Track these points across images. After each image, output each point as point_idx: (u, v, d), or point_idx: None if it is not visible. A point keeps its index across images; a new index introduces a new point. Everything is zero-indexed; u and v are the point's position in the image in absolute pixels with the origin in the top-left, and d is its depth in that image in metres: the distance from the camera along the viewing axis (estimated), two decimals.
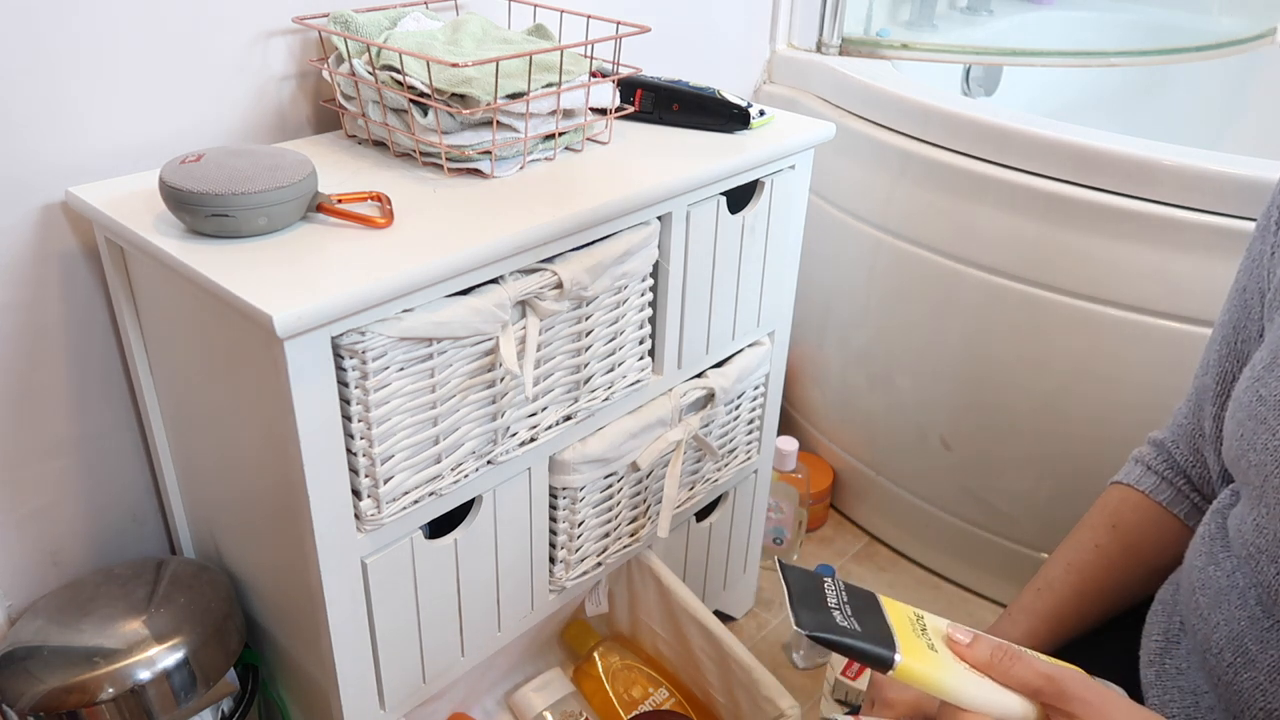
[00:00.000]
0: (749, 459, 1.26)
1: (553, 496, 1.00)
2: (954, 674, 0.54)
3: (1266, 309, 0.64)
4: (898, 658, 0.52)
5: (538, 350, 0.88)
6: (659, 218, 0.94)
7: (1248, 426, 0.59)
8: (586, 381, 0.95)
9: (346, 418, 0.76)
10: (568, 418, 0.96)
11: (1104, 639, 0.76)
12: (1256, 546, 0.57)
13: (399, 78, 0.87)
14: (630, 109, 1.05)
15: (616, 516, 1.08)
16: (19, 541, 0.94)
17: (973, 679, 0.54)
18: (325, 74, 0.95)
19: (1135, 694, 0.70)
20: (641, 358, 1.01)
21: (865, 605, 0.56)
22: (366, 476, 0.79)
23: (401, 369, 0.78)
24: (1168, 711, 0.66)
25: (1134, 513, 0.76)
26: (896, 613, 0.56)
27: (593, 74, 0.96)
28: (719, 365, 1.13)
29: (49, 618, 0.88)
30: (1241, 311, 0.68)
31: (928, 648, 0.54)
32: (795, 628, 0.52)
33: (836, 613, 0.54)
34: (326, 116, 1.02)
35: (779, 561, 0.60)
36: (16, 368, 0.89)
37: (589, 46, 0.97)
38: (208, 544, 1.01)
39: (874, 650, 0.52)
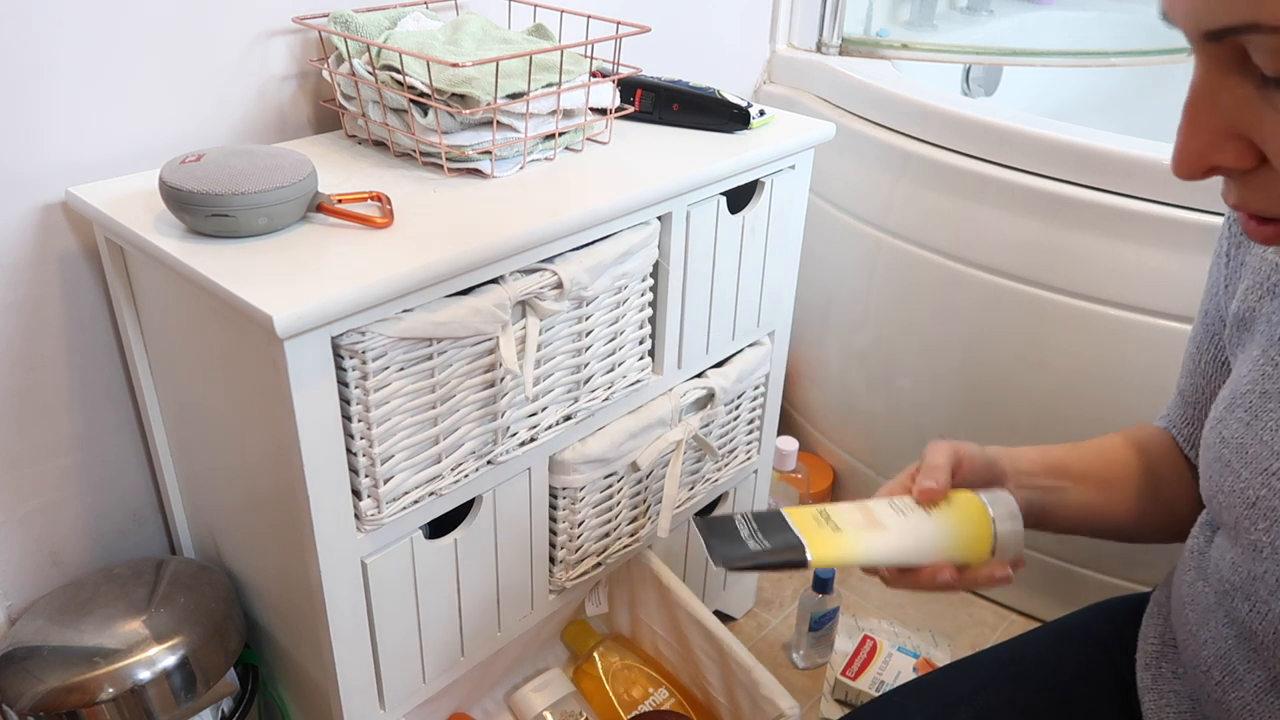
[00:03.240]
0: (749, 459, 1.26)
1: (553, 496, 1.00)
2: (859, 542, 0.61)
3: (1228, 343, 0.64)
4: (808, 555, 0.60)
5: (538, 350, 0.88)
6: (659, 218, 0.94)
7: (1214, 468, 0.59)
8: (586, 381, 0.95)
9: (346, 418, 0.76)
10: (568, 418, 0.96)
11: (1101, 639, 0.76)
12: (1231, 584, 0.57)
13: (399, 78, 0.87)
14: (630, 109, 1.05)
15: (616, 516, 1.08)
16: (19, 541, 0.95)
17: (876, 537, 0.61)
18: (325, 74, 0.95)
19: (1132, 694, 0.70)
20: (641, 358, 1.01)
21: (773, 525, 0.62)
22: (366, 476, 0.79)
23: (401, 369, 0.78)
24: (1164, 716, 0.65)
25: (1152, 437, 0.74)
26: (800, 518, 0.63)
27: (593, 74, 0.96)
28: (719, 365, 1.13)
29: (49, 618, 0.88)
30: (1205, 335, 0.68)
31: (832, 531, 0.61)
32: (715, 566, 0.59)
33: (750, 541, 0.61)
34: (326, 116, 1.02)
35: (693, 519, 0.65)
36: (17, 368, 0.89)
37: (589, 46, 0.97)
38: (208, 544, 1.01)
39: (787, 559, 0.60)
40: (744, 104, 1.04)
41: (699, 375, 1.10)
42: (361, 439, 0.77)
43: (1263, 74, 0.37)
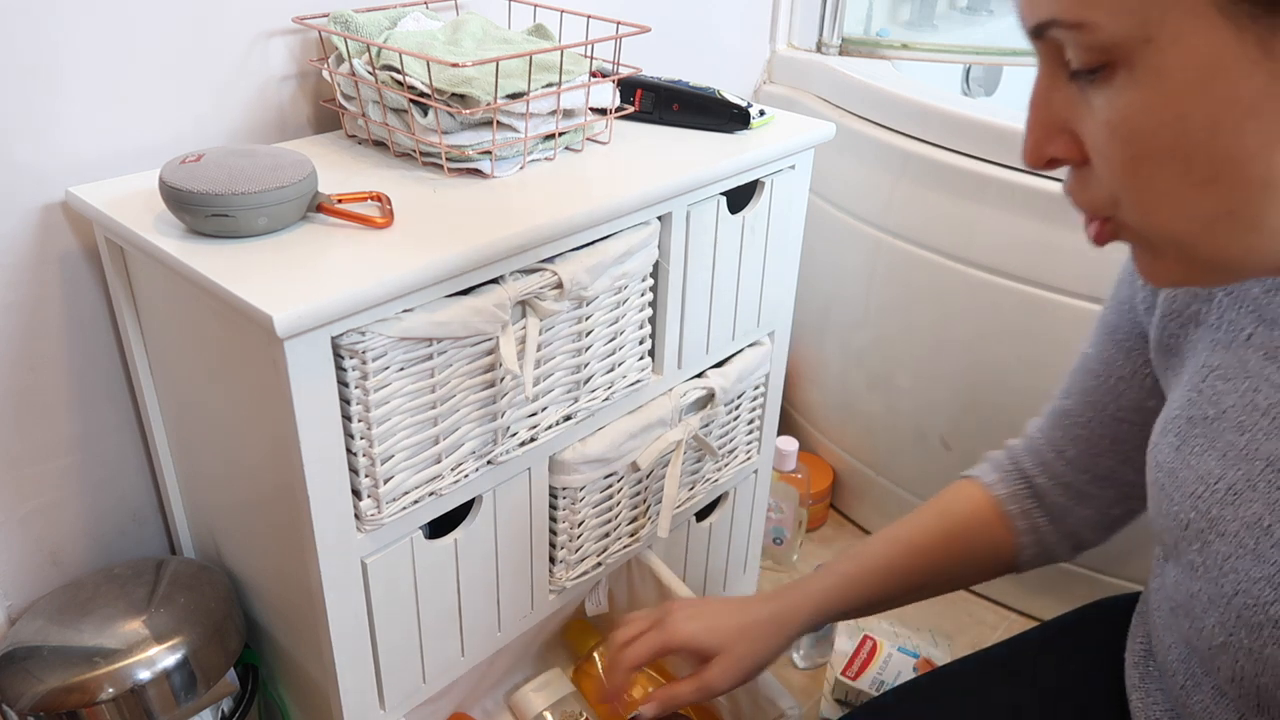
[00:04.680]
0: (749, 459, 1.26)
1: (553, 496, 1.00)
2: None
3: (1156, 367, 0.65)
4: None
5: (538, 350, 0.88)
6: (659, 218, 0.94)
7: (1152, 492, 0.60)
8: (586, 381, 0.95)
9: (346, 418, 0.76)
10: (568, 418, 0.96)
11: (1096, 638, 0.76)
12: (1175, 601, 0.58)
13: (399, 78, 0.87)
14: (630, 109, 1.05)
15: (616, 516, 1.08)
16: (19, 541, 0.95)
17: None
18: (325, 74, 0.95)
19: (1121, 693, 0.71)
20: (641, 358, 1.01)
21: None
22: (366, 476, 0.79)
23: (401, 369, 0.78)
24: (1151, 714, 0.66)
25: (966, 503, 0.78)
26: None
27: (593, 74, 0.96)
28: (719, 365, 1.13)
29: (49, 618, 0.88)
30: (1113, 350, 0.69)
31: None
32: None
33: None
34: (326, 116, 1.02)
35: None
36: (17, 368, 0.89)
37: (589, 46, 0.97)
38: (208, 544, 1.01)
39: None
40: (744, 104, 1.04)
41: (699, 375, 1.10)
42: (361, 439, 0.77)
43: (1073, 69, 0.40)
